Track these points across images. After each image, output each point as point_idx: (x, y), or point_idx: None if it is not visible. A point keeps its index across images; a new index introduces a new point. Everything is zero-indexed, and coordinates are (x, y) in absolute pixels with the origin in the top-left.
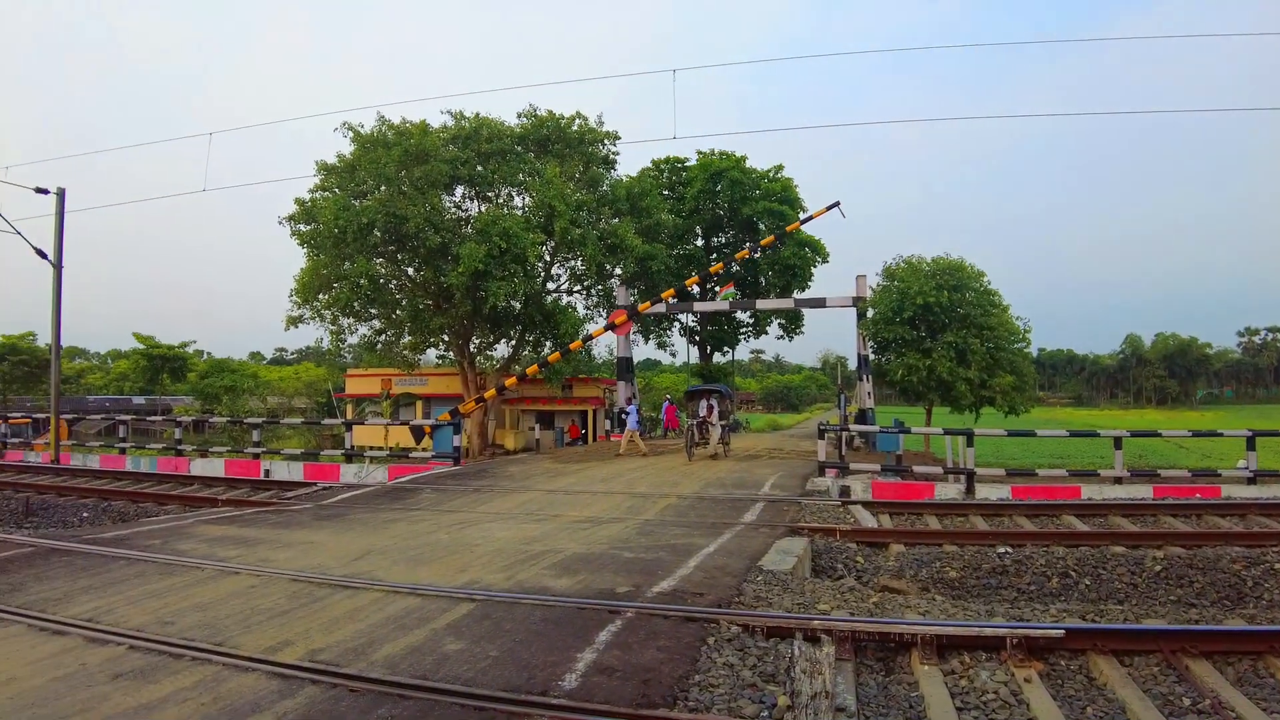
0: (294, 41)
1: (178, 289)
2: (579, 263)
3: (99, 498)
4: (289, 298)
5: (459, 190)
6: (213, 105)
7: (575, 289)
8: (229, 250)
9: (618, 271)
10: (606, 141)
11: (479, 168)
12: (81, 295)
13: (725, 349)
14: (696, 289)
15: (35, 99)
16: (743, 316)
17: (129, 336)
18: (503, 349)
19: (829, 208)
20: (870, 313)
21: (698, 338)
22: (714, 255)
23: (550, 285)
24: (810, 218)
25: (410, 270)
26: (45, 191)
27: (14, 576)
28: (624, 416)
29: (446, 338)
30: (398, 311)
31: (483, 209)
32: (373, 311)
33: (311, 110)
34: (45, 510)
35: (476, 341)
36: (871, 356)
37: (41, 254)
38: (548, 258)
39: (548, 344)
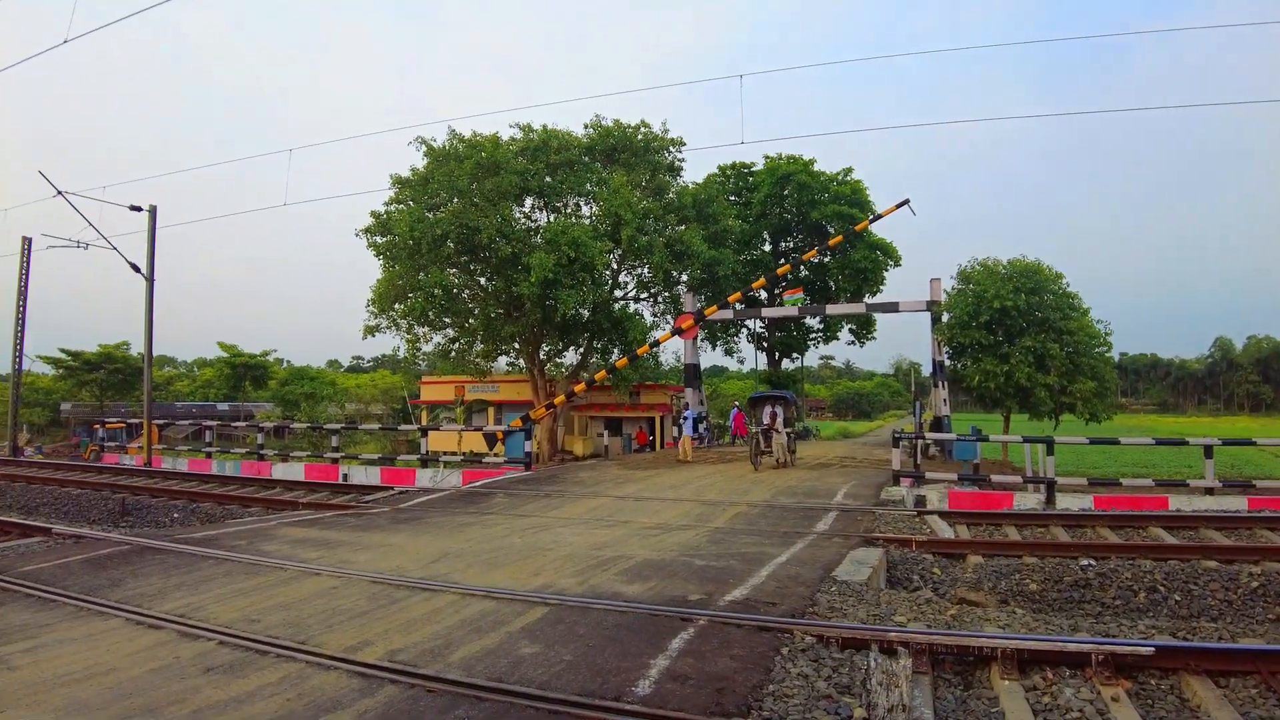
0: (368, 61)
1: (259, 299)
2: (646, 270)
3: (188, 499)
4: (366, 307)
5: (528, 201)
6: (292, 123)
7: (642, 296)
8: (308, 262)
9: (684, 278)
10: (672, 148)
11: (547, 178)
12: (170, 306)
13: (794, 355)
14: (764, 294)
15: (129, 122)
16: (812, 322)
17: (214, 345)
18: (572, 356)
19: (898, 205)
20: (945, 317)
21: (765, 344)
22: (782, 260)
23: (617, 293)
24: (879, 216)
25: (482, 280)
26: (139, 209)
27: (113, 573)
28: (680, 423)
29: (517, 345)
30: (470, 320)
31: (551, 219)
32: (446, 320)
33: (386, 125)
34: (139, 510)
35: (546, 349)
36: (947, 362)
37: (135, 268)
38: (615, 265)
39: (615, 351)
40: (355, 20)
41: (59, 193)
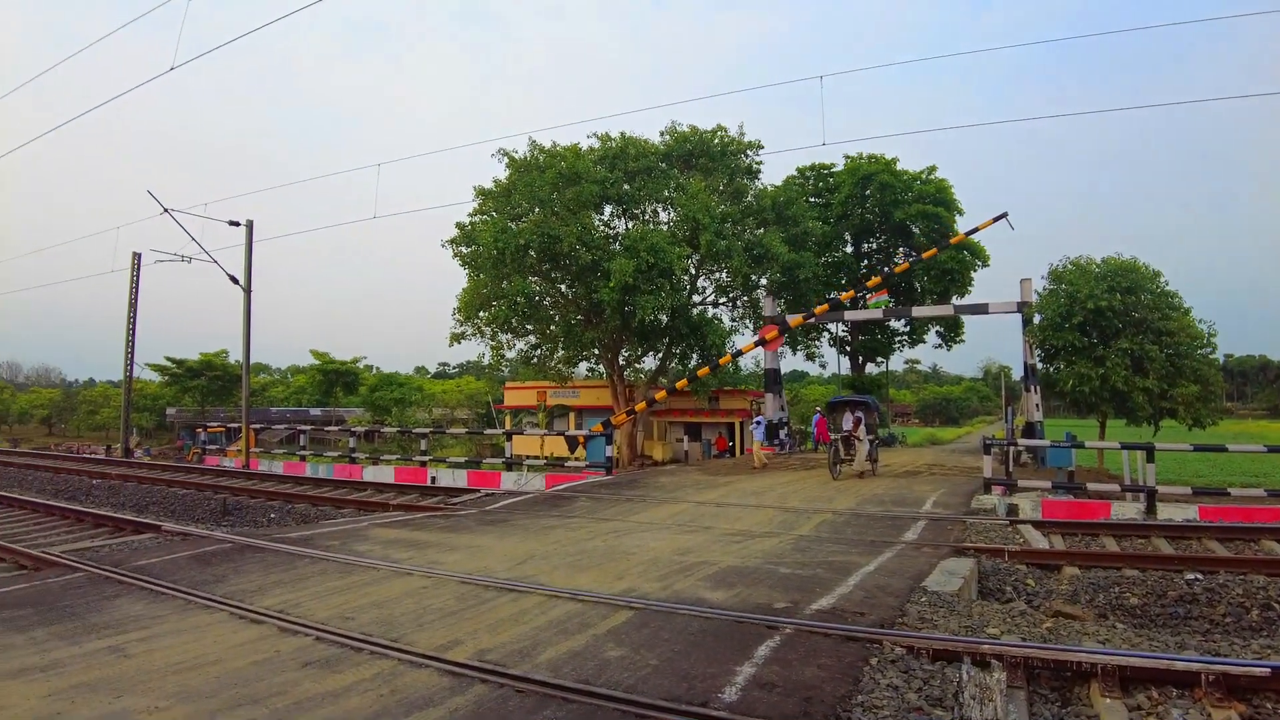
0: (450, 76)
1: (350, 308)
2: (724, 274)
3: (284, 500)
4: (452, 315)
5: (607, 209)
6: (380, 137)
7: (721, 301)
8: (395, 272)
9: (763, 281)
10: (750, 152)
11: (625, 186)
12: (266, 315)
13: (878, 359)
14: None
15: (228, 141)
16: (897, 325)
17: (306, 353)
18: (650, 361)
19: (995, 219)
20: (1036, 318)
21: (848, 348)
22: (864, 261)
23: (696, 298)
24: (975, 230)
25: (563, 287)
26: (236, 224)
27: (217, 569)
28: (753, 429)
29: (597, 351)
30: (552, 327)
31: (630, 226)
32: (529, 327)
33: (468, 138)
34: (239, 510)
35: (625, 354)
36: (1039, 365)
37: (234, 279)
38: (693, 271)
39: (694, 356)
40: (437, 37)
41: (165, 210)
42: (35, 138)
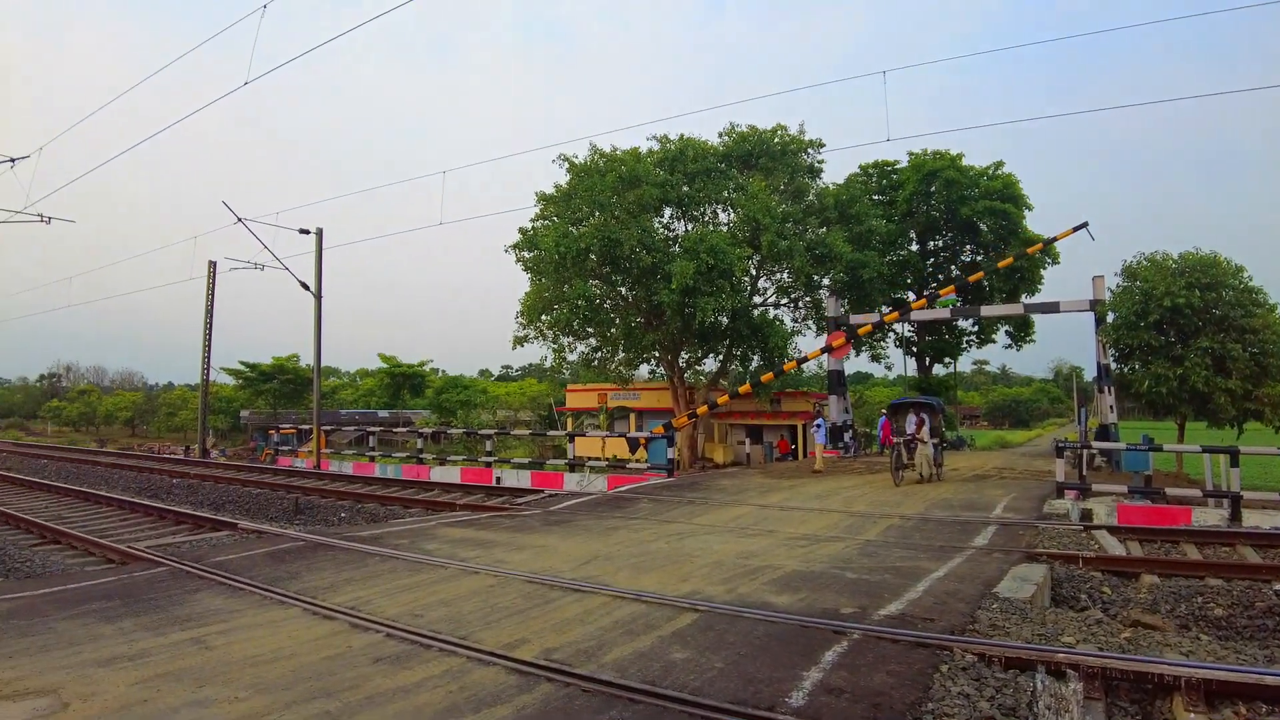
0: (512, 83)
1: (416, 313)
2: (786, 275)
3: (354, 500)
4: (515, 319)
5: (667, 211)
6: (446, 145)
7: (782, 301)
8: (460, 276)
9: (826, 281)
10: (810, 150)
11: (685, 188)
12: (335, 320)
13: (946, 360)
14: (912, 296)
15: (300, 151)
16: (965, 324)
17: (374, 357)
18: (711, 363)
19: (1076, 229)
20: (1110, 317)
21: (914, 348)
22: (930, 260)
23: (756, 299)
24: (1054, 240)
25: (623, 290)
26: (307, 232)
27: (291, 566)
28: (814, 431)
29: (657, 353)
30: (612, 329)
31: (690, 228)
32: (590, 330)
33: (531, 145)
34: (310, 509)
35: (686, 356)
36: (1113, 365)
37: (305, 286)
38: (754, 271)
39: (755, 357)
40: (502, 46)
41: (239, 220)
42: (121, 152)
